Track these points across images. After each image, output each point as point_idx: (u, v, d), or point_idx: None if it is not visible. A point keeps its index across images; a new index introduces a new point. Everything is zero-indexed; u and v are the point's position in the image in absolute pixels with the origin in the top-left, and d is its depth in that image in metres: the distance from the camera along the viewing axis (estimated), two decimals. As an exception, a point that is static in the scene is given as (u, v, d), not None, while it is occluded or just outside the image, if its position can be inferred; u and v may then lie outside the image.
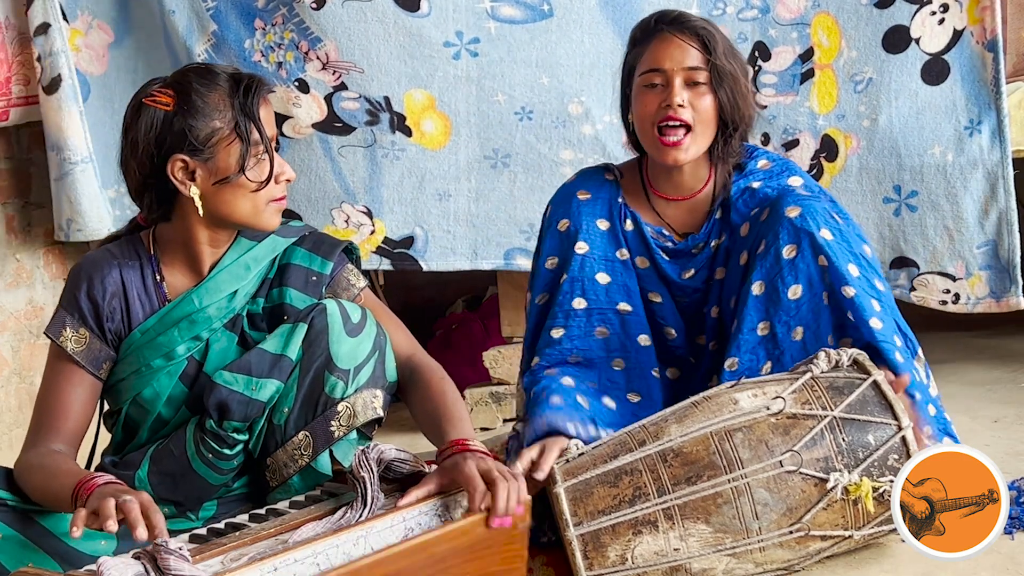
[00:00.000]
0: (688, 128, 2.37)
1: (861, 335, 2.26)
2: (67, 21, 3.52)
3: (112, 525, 1.70)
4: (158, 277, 2.17)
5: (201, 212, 2.09)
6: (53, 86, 3.48)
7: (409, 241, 3.51)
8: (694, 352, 2.55)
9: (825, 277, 2.28)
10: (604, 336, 2.50)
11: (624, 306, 2.51)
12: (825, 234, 2.29)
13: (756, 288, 2.32)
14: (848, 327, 2.28)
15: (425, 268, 3.53)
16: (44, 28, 3.47)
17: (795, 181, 2.46)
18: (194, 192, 2.07)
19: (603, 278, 2.51)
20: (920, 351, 2.37)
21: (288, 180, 2.12)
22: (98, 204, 3.55)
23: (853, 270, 2.29)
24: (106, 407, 2.26)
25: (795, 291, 2.29)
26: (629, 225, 2.53)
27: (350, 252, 2.28)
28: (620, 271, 2.51)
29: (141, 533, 1.70)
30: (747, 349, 2.32)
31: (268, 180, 2.06)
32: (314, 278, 2.20)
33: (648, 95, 2.41)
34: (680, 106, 2.36)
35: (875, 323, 2.26)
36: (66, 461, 2.02)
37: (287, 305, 2.17)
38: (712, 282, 2.50)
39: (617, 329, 2.50)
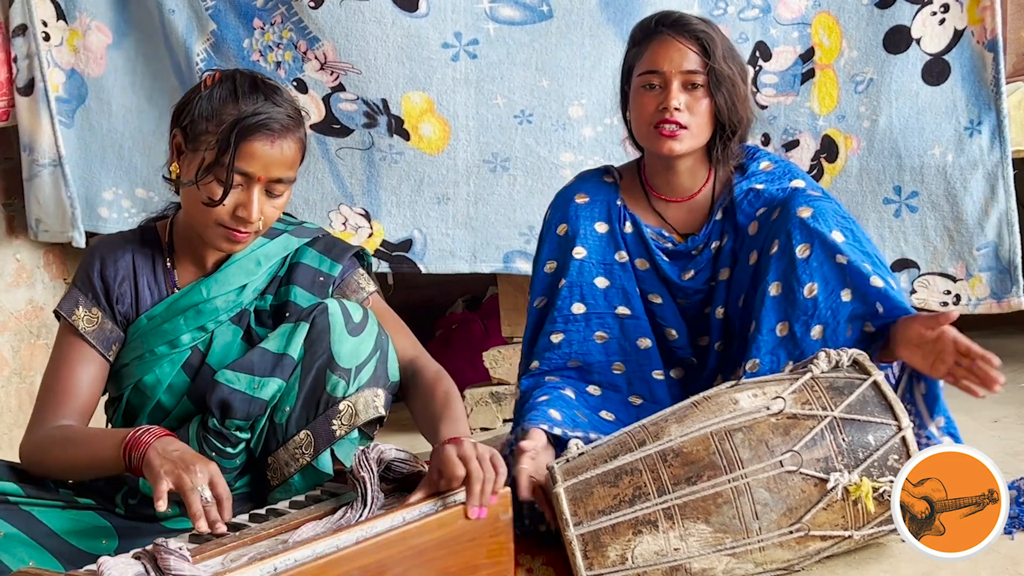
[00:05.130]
0: (684, 128, 2.38)
1: (895, 315, 2.25)
2: (66, 22, 3.52)
3: (201, 525, 1.76)
4: (169, 265, 2.19)
5: (178, 193, 2.12)
6: (27, 88, 3.52)
7: (407, 244, 3.51)
8: (697, 353, 2.56)
9: (842, 274, 2.28)
10: (603, 340, 2.51)
11: (623, 310, 2.51)
12: (837, 235, 2.29)
13: (773, 289, 2.32)
14: (878, 319, 2.28)
15: (424, 271, 3.52)
16: (22, 30, 3.49)
17: (798, 183, 2.47)
18: (175, 168, 2.10)
19: (601, 282, 2.52)
20: None
21: (244, 217, 2.05)
22: (63, 207, 3.57)
23: (867, 267, 2.29)
24: (107, 395, 2.26)
25: (811, 289, 2.29)
26: (628, 227, 2.54)
27: (361, 257, 2.31)
28: (619, 274, 2.52)
29: (220, 528, 1.78)
30: (767, 350, 2.32)
31: (213, 203, 2.04)
32: (321, 279, 2.21)
33: (645, 96, 2.42)
34: (676, 109, 2.37)
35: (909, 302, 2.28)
36: (91, 429, 2.05)
37: (291, 303, 2.19)
38: (716, 283, 2.50)
39: (616, 333, 2.51)
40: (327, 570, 1.69)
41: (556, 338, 2.52)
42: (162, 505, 1.78)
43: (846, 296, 2.28)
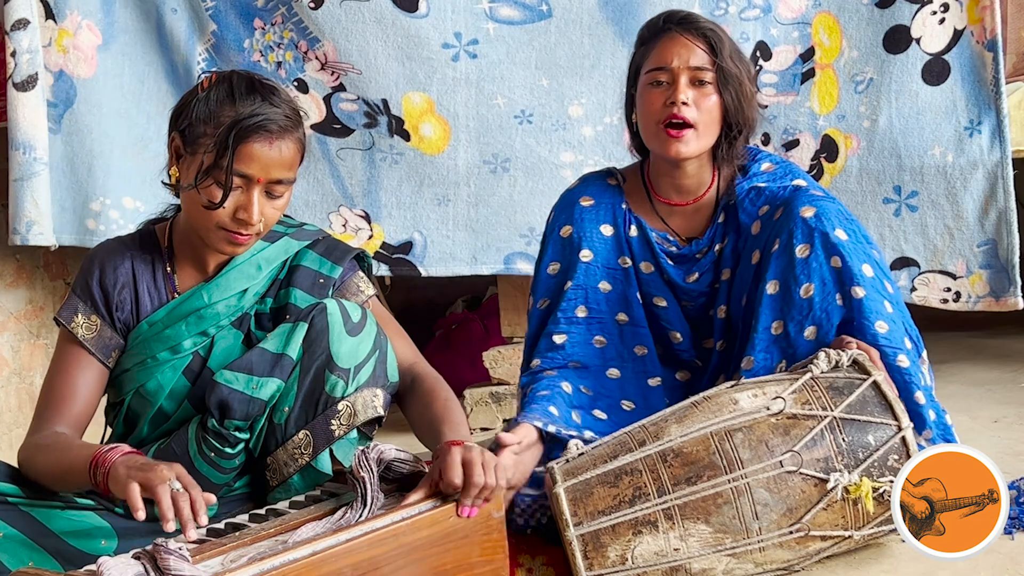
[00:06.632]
0: (691, 127, 2.38)
1: (865, 337, 2.25)
2: (55, 21, 3.43)
3: (170, 526, 1.73)
4: (169, 270, 2.19)
5: (178, 197, 2.12)
6: (29, 83, 3.37)
7: (408, 247, 3.50)
8: (701, 355, 2.56)
9: (838, 277, 2.28)
10: (602, 345, 2.52)
11: (623, 316, 2.52)
12: (840, 234, 2.29)
13: (771, 287, 2.32)
14: (853, 329, 2.28)
15: (424, 274, 3.52)
16: (23, 24, 3.38)
17: (801, 183, 2.47)
18: (174, 172, 2.10)
19: (605, 287, 2.52)
20: (925, 353, 2.37)
21: (244, 220, 2.06)
22: (53, 210, 3.42)
23: (867, 270, 2.29)
24: (108, 399, 2.27)
25: (807, 289, 2.29)
26: (634, 231, 2.54)
27: (361, 260, 2.31)
28: (621, 280, 2.52)
29: (192, 534, 1.75)
30: (762, 348, 2.32)
31: (213, 206, 2.04)
32: (321, 280, 2.22)
33: (653, 92, 2.41)
34: (684, 104, 2.37)
35: (881, 326, 2.26)
36: (75, 439, 2.04)
37: (291, 305, 2.19)
38: (718, 284, 2.50)
39: (615, 339, 2.52)
40: (319, 567, 1.69)
41: (559, 339, 2.53)
42: (141, 515, 1.75)
43: (839, 300, 2.28)
